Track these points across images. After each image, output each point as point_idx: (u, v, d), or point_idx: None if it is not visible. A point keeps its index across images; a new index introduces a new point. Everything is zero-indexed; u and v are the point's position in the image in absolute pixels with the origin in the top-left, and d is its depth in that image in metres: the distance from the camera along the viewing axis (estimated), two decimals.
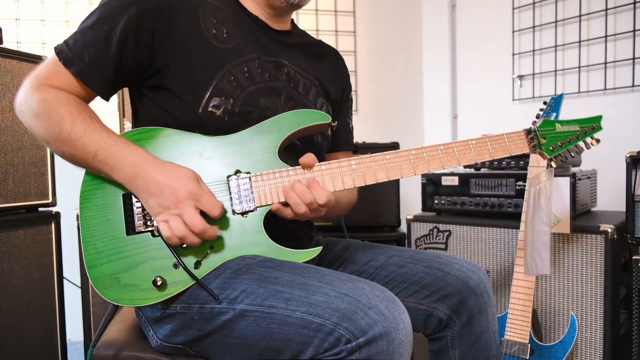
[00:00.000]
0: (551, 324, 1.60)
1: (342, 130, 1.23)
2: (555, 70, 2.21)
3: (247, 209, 0.92)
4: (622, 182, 1.47)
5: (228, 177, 0.93)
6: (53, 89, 0.90)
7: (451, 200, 1.85)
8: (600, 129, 1.07)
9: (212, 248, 0.91)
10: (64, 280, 1.70)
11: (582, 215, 1.69)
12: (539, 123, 1.06)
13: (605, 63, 2.04)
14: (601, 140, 1.08)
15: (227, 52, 0.98)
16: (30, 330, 1.55)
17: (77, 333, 2.09)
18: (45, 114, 0.88)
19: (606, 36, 2.03)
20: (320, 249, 0.95)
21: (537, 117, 1.45)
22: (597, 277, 1.51)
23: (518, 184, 1.69)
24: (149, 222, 0.90)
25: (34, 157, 1.57)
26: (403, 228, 2.04)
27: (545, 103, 1.46)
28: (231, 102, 0.96)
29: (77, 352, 2.30)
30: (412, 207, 2.33)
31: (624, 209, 1.47)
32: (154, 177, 0.85)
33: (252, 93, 0.99)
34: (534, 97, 2.30)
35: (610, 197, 1.96)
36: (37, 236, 1.59)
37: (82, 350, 2.11)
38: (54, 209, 1.66)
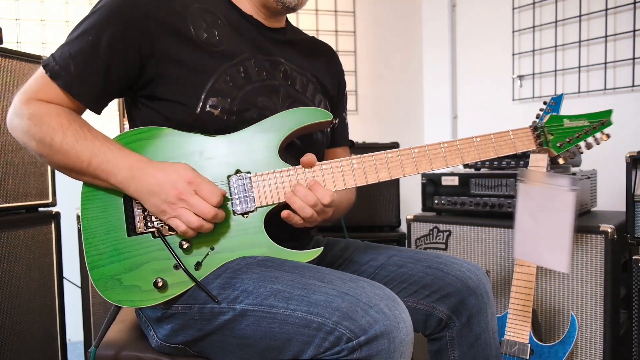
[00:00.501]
0: (551, 324, 1.60)
1: (339, 126, 1.23)
2: (555, 70, 2.21)
3: (248, 209, 0.91)
4: (622, 182, 1.47)
5: (228, 176, 0.92)
6: (43, 102, 0.90)
7: (451, 200, 1.85)
8: (610, 123, 1.00)
9: (212, 249, 0.91)
10: (64, 280, 1.70)
11: (582, 215, 1.69)
12: (545, 119, 1.00)
13: (605, 63, 2.04)
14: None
15: (220, 55, 0.98)
16: (30, 330, 1.55)
17: (77, 333, 2.09)
18: (37, 128, 0.87)
19: (606, 36, 2.03)
20: (321, 250, 0.94)
21: (537, 117, 1.44)
22: (597, 277, 1.51)
23: None
24: (150, 223, 0.90)
25: (34, 157, 1.56)
26: (403, 228, 2.04)
27: (545, 103, 1.45)
28: (229, 102, 0.95)
29: (77, 352, 2.30)
30: (412, 207, 2.33)
31: (624, 209, 1.47)
32: (152, 174, 0.85)
33: (249, 92, 0.98)
34: (534, 97, 2.30)
35: (610, 197, 1.96)
36: (37, 236, 1.59)
37: (82, 350, 2.11)
38: (54, 209, 1.66)
